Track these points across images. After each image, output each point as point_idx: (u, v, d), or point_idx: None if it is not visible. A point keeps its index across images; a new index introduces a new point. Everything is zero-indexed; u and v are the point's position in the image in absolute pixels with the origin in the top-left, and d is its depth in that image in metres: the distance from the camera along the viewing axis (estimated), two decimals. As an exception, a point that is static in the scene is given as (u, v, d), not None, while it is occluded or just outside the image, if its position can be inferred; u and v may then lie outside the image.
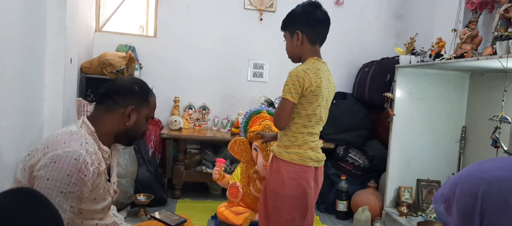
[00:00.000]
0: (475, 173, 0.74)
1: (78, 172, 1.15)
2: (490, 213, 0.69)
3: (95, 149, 1.26)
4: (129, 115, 1.33)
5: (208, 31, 3.63)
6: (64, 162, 1.14)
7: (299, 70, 1.56)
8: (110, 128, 1.32)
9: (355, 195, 2.95)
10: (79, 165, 1.15)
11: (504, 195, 0.68)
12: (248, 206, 2.15)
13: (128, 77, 1.41)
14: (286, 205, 1.60)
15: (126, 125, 1.33)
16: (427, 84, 2.78)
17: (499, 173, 0.71)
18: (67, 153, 1.15)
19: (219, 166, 2.22)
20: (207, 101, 3.64)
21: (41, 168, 1.14)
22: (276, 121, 1.60)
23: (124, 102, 1.32)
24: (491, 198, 0.69)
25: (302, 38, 1.62)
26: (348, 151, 3.16)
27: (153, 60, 3.55)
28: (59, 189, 1.12)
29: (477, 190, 0.71)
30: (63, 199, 1.13)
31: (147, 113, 1.39)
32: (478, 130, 2.66)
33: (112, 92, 1.34)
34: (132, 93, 1.34)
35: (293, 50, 1.66)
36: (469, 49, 2.25)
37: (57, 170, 1.13)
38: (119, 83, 1.37)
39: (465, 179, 0.75)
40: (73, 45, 2.56)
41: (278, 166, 1.61)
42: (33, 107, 2.10)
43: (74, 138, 1.21)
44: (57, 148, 1.16)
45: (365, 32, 3.83)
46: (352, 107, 3.31)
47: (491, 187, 0.69)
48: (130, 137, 1.40)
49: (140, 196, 2.77)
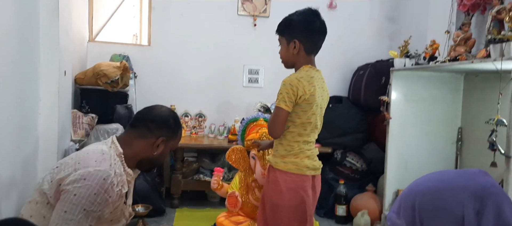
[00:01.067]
0: (413, 187, 0.86)
1: (104, 192, 1.16)
2: (426, 220, 0.80)
3: (121, 171, 1.28)
4: (159, 145, 1.36)
5: (202, 38, 3.63)
6: (94, 180, 1.15)
7: (293, 79, 1.55)
8: (137, 153, 1.35)
9: (354, 199, 2.95)
10: (106, 186, 1.17)
11: (434, 203, 0.79)
12: (248, 215, 2.14)
13: (166, 108, 1.47)
14: (285, 215, 1.59)
15: (153, 154, 1.36)
16: (422, 87, 2.79)
17: (429, 184, 0.83)
18: (98, 172, 1.17)
19: (217, 176, 2.21)
20: (203, 109, 3.63)
21: (71, 183, 1.15)
22: (271, 129, 1.60)
23: (157, 132, 1.36)
24: (424, 206, 0.80)
25: (299, 47, 1.61)
26: (345, 155, 3.16)
27: (148, 69, 3.54)
28: (83, 206, 1.13)
29: (414, 202, 0.82)
30: (84, 217, 1.14)
31: (173, 145, 1.44)
32: (474, 130, 2.67)
33: (148, 120, 1.38)
34: (167, 125, 1.39)
35: (288, 57, 1.66)
36: (463, 52, 2.26)
37: (86, 187, 1.14)
38: (157, 112, 1.41)
39: (406, 194, 0.86)
40: (67, 57, 2.54)
41: (275, 176, 1.60)
42: (28, 122, 2.08)
43: (104, 157, 1.24)
44: (88, 165, 1.18)
45: (359, 35, 3.85)
46: (348, 111, 3.31)
47: (424, 197, 0.81)
48: (152, 165, 1.44)
49: (138, 207, 2.74)
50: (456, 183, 0.80)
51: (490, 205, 0.76)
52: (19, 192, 1.84)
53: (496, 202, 0.76)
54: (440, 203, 0.79)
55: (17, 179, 1.85)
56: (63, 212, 1.12)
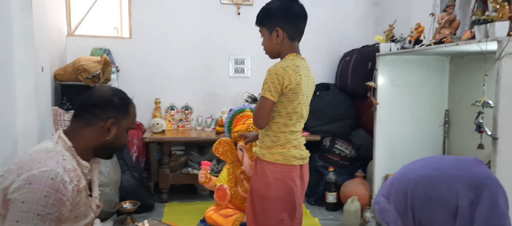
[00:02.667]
0: (405, 173, 0.84)
1: (55, 192, 1.08)
2: (418, 208, 0.78)
3: (73, 165, 1.20)
4: (109, 128, 1.27)
5: (185, 29, 3.55)
6: (41, 182, 1.07)
7: (278, 68, 1.51)
8: (89, 142, 1.26)
9: (344, 186, 2.95)
10: (56, 185, 1.09)
11: (428, 191, 0.77)
12: (237, 207, 2.11)
13: (106, 87, 1.35)
14: (274, 206, 1.57)
15: (106, 139, 1.27)
16: (408, 71, 2.78)
17: (423, 171, 0.80)
18: (43, 173, 1.09)
19: (205, 169, 2.16)
20: (189, 101, 3.57)
21: (16, 190, 1.07)
22: (256, 120, 1.56)
23: (104, 116, 1.26)
24: (417, 195, 0.78)
25: (282, 35, 1.57)
26: (334, 142, 3.15)
27: (130, 62, 3.45)
28: (35, 212, 1.06)
29: (407, 189, 0.80)
30: (40, 221, 1.07)
31: (128, 124, 1.33)
32: (461, 112, 2.68)
33: (90, 106, 1.27)
34: (112, 105, 1.28)
35: (272, 47, 1.61)
36: (448, 34, 2.25)
37: (33, 192, 1.06)
38: (97, 95, 1.30)
39: (397, 180, 0.84)
40: (43, 53, 2.45)
41: (263, 168, 1.57)
42: (5, 121, 2.00)
43: (49, 155, 1.15)
44: (32, 168, 1.10)
45: (344, 21, 3.81)
46: (336, 98, 3.29)
47: (417, 185, 0.79)
48: (110, 150, 1.35)
49: (125, 204, 2.69)
50: (451, 172, 0.78)
51: (485, 196, 0.74)
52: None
53: (491, 194, 0.74)
54: (434, 192, 0.77)
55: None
56: (15, 222, 1.05)
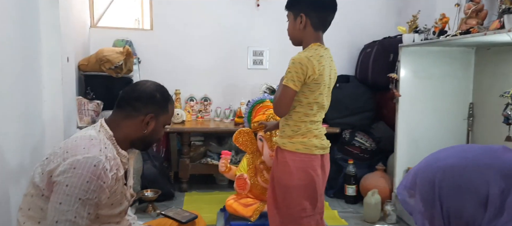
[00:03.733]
0: (431, 162, 0.82)
1: (97, 179, 1.12)
2: (447, 198, 0.76)
3: (114, 154, 1.24)
4: (148, 123, 1.30)
5: (205, 21, 3.57)
6: (84, 168, 1.11)
7: (303, 57, 1.50)
8: (127, 134, 1.30)
9: (363, 179, 2.93)
10: (98, 172, 1.13)
11: (457, 180, 0.75)
12: (257, 197, 2.12)
13: (150, 83, 1.37)
14: (295, 195, 1.57)
15: (144, 132, 1.31)
16: (432, 62, 2.72)
17: (451, 160, 0.78)
18: (87, 159, 1.13)
19: (225, 158, 2.18)
20: (208, 92, 3.59)
21: (61, 173, 1.12)
22: (277, 108, 1.56)
23: (144, 110, 1.29)
24: (445, 184, 0.76)
25: (305, 22, 1.55)
26: (354, 135, 3.13)
27: (151, 53, 3.50)
28: (77, 196, 1.10)
29: (434, 178, 0.78)
30: (81, 206, 1.11)
31: (165, 120, 1.37)
32: (486, 105, 2.61)
33: (132, 99, 1.31)
34: (153, 101, 1.31)
35: (294, 33, 1.60)
36: (474, 24, 2.18)
37: (77, 177, 1.11)
38: (141, 89, 1.33)
39: (423, 169, 0.82)
40: (69, 44, 2.50)
41: (284, 157, 1.57)
42: (32, 110, 2.06)
43: (93, 143, 1.19)
44: (76, 153, 1.14)
45: (365, 12, 3.76)
46: (356, 90, 3.26)
47: (445, 174, 0.76)
48: (146, 143, 1.39)
49: (147, 192, 2.75)
50: (481, 161, 0.76)
51: None
52: (28, 179, 1.83)
53: None
54: (463, 181, 0.76)
55: (26, 166, 1.85)
56: (58, 204, 1.10)
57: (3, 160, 1.64)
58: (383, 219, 2.62)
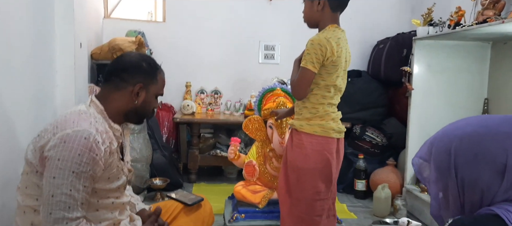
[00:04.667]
0: (448, 131, 0.80)
1: (88, 151, 1.11)
2: (462, 166, 0.74)
3: (105, 128, 1.23)
4: (138, 93, 1.28)
5: (217, 15, 3.57)
6: (74, 141, 1.10)
7: (322, 38, 1.48)
8: (119, 107, 1.28)
9: (374, 174, 2.89)
10: (89, 144, 1.12)
11: (474, 148, 0.73)
12: (265, 184, 2.10)
13: (135, 53, 1.36)
14: (310, 178, 1.55)
15: (135, 103, 1.29)
16: (446, 56, 2.67)
17: (469, 128, 0.76)
18: (77, 132, 1.12)
19: (234, 145, 2.17)
20: (219, 85, 3.60)
21: (51, 148, 1.11)
22: (296, 90, 1.54)
23: (132, 80, 1.27)
24: (462, 152, 0.74)
25: (324, 3, 1.53)
26: (365, 130, 3.09)
27: (163, 45, 3.51)
28: (70, 169, 1.09)
29: (450, 146, 0.76)
30: (75, 178, 1.10)
31: (156, 90, 1.34)
32: (501, 101, 2.56)
33: (119, 70, 1.29)
34: (140, 70, 1.29)
35: (312, 15, 1.58)
36: (491, 15, 2.14)
37: (67, 150, 1.10)
38: (126, 60, 1.32)
39: (439, 138, 0.81)
40: (82, 30, 2.53)
41: (300, 139, 1.55)
42: (45, 93, 2.08)
43: (83, 117, 1.18)
44: (66, 128, 1.13)
45: (378, 9, 3.72)
46: (368, 85, 3.22)
47: (462, 142, 0.75)
48: (140, 115, 1.36)
49: (156, 180, 2.75)
50: (500, 129, 0.74)
51: None
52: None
53: None
54: (481, 148, 0.73)
55: (36, 150, 1.86)
56: (52, 178, 1.09)
57: (14, 139, 1.66)
58: (393, 214, 2.57)
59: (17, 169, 1.65)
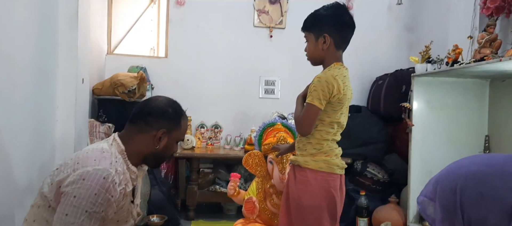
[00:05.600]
0: (453, 169, 0.78)
1: (105, 192, 1.11)
2: (468, 206, 0.73)
3: (123, 169, 1.22)
4: (160, 138, 1.29)
5: (218, 50, 3.64)
6: (93, 180, 1.10)
7: (329, 76, 1.49)
8: (140, 149, 1.29)
9: (376, 211, 2.83)
10: (107, 185, 1.11)
11: (480, 188, 0.72)
12: (265, 222, 2.05)
13: (163, 98, 1.38)
14: (316, 216, 1.51)
15: (156, 148, 1.30)
16: (445, 93, 2.69)
17: (474, 167, 0.75)
18: (97, 171, 1.11)
19: (234, 181, 2.14)
20: (219, 120, 3.60)
21: (70, 184, 1.10)
22: (301, 126, 1.53)
23: (157, 125, 1.29)
24: (468, 191, 0.73)
25: (329, 42, 1.55)
26: (366, 165, 3.06)
27: (165, 80, 3.55)
28: (84, 208, 1.08)
29: (456, 186, 0.74)
30: (87, 218, 1.09)
31: (178, 136, 1.36)
32: (502, 138, 2.55)
33: (145, 114, 1.31)
34: (165, 116, 1.31)
35: (316, 53, 1.58)
36: (488, 53, 2.17)
37: (85, 188, 1.09)
38: (153, 104, 1.34)
39: (444, 177, 0.79)
40: (84, 66, 2.56)
41: (305, 176, 1.53)
42: (45, 128, 2.08)
43: (104, 155, 1.18)
44: (87, 165, 1.13)
45: (377, 45, 3.79)
46: (368, 120, 3.22)
47: (468, 181, 0.73)
48: (158, 160, 1.37)
49: (153, 217, 2.69)
50: (506, 169, 0.73)
51: None
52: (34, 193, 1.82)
53: None
54: (487, 188, 0.72)
55: (33, 181, 1.84)
56: (64, 215, 1.07)
57: (11, 173, 1.64)
58: (397, 254, 2.50)
59: (11, 202, 1.62)
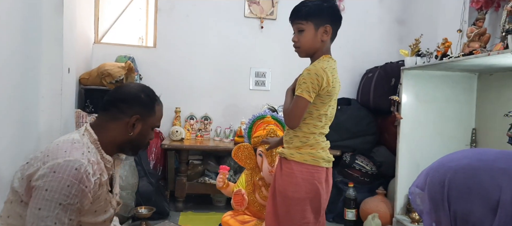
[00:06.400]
0: (444, 162, 0.79)
1: (78, 183, 1.07)
2: (455, 199, 0.73)
3: (97, 158, 1.19)
4: (134, 125, 1.26)
5: (208, 41, 3.59)
6: (64, 171, 1.07)
7: (319, 68, 1.48)
8: (114, 137, 1.25)
9: (363, 203, 2.85)
10: (80, 175, 1.08)
11: (468, 182, 0.72)
12: (254, 214, 2.06)
13: (135, 84, 1.35)
14: (300, 208, 1.52)
15: (130, 135, 1.26)
16: (434, 87, 2.71)
17: (465, 161, 0.75)
18: (68, 162, 1.08)
19: (223, 173, 2.13)
20: (209, 112, 3.57)
21: (40, 177, 1.07)
22: (290, 119, 1.52)
23: (130, 111, 1.26)
24: (455, 184, 0.73)
25: (330, 32, 1.53)
26: (354, 158, 3.07)
27: (153, 70, 3.50)
28: (57, 201, 1.05)
29: (445, 178, 0.75)
30: (61, 211, 1.06)
31: (153, 122, 1.33)
32: (489, 131, 2.58)
33: (117, 100, 1.27)
34: (138, 102, 1.28)
35: (314, 44, 1.54)
36: (477, 47, 2.19)
37: (57, 180, 1.06)
38: (125, 90, 1.31)
39: (435, 169, 0.79)
40: (70, 55, 2.50)
41: (290, 168, 1.53)
42: (29, 119, 2.03)
43: (75, 146, 1.14)
44: (57, 157, 1.09)
45: (368, 38, 3.79)
46: (357, 113, 3.23)
47: (457, 175, 0.73)
48: (135, 147, 1.33)
49: (141, 209, 2.67)
50: (496, 164, 0.73)
51: None
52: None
53: None
54: (474, 183, 0.72)
55: (16, 174, 1.80)
56: (37, 209, 1.04)
57: (-6, 165, 1.60)
58: (384, 245, 2.53)
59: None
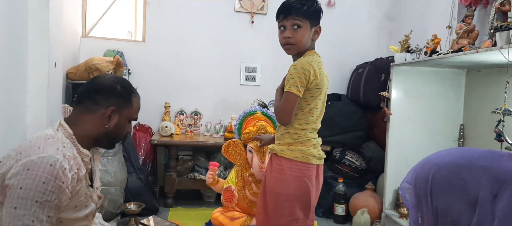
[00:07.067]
0: (431, 159, 0.81)
1: (54, 179, 1.05)
2: (437, 194, 0.75)
3: (73, 153, 1.16)
4: (110, 116, 1.23)
5: (198, 35, 3.56)
6: (39, 168, 1.04)
7: (304, 62, 1.49)
8: (89, 130, 1.22)
9: (353, 198, 2.87)
10: (55, 171, 1.05)
11: (450, 178, 0.74)
12: (244, 210, 2.05)
13: (110, 75, 1.32)
14: (289, 204, 1.52)
15: (106, 127, 1.23)
16: (423, 83, 2.73)
17: (449, 158, 0.77)
18: (42, 159, 1.05)
19: (213, 170, 2.12)
20: (199, 107, 3.55)
21: (13, 176, 1.03)
22: (281, 116, 1.52)
23: (105, 103, 1.22)
24: (438, 180, 0.76)
25: (320, 31, 1.58)
26: (344, 153, 3.09)
27: (142, 65, 3.46)
28: (33, 199, 1.02)
29: (429, 174, 0.77)
30: (39, 209, 1.03)
31: (130, 114, 1.29)
32: (477, 127, 2.61)
33: (92, 92, 1.24)
34: (114, 93, 1.25)
35: (307, 42, 1.56)
36: (466, 44, 2.20)
37: (31, 178, 1.03)
38: (100, 82, 1.27)
39: (421, 165, 0.82)
40: (57, 49, 2.45)
41: (280, 165, 1.53)
42: (14, 113, 1.99)
43: (49, 142, 1.11)
44: (30, 154, 1.06)
45: (357, 33, 3.80)
46: (348, 109, 3.24)
47: (440, 171, 0.76)
48: (111, 140, 1.30)
49: (130, 205, 2.64)
50: (478, 162, 0.75)
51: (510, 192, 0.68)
52: None
53: None
54: (455, 179, 0.74)
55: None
56: (13, 208, 1.01)
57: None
58: (373, 240, 2.56)
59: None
